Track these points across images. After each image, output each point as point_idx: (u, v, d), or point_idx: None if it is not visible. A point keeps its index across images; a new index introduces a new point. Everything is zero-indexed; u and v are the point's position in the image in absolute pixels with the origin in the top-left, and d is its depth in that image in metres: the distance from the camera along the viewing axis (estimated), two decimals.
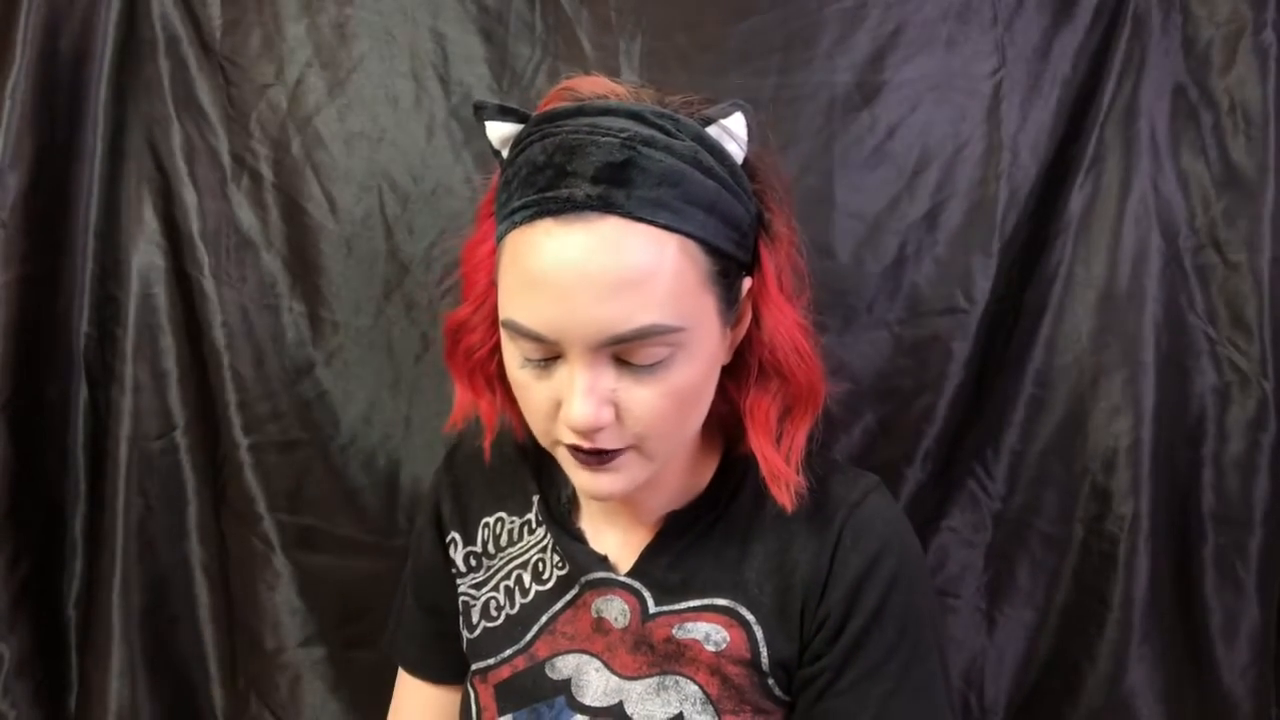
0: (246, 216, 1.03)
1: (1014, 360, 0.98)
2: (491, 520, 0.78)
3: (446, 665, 0.81)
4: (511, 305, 0.58)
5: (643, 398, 0.58)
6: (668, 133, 0.57)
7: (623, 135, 0.55)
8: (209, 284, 1.02)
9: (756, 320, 0.64)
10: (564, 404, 0.58)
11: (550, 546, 0.73)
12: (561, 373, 0.58)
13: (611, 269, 0.54)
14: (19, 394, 0.99)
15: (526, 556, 0.74)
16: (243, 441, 1.03)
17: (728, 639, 0.65)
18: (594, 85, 0.62)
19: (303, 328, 1.04)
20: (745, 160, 0.62)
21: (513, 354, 0.60)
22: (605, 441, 0.59)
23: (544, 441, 0.64)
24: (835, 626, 0.64)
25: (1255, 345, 0.93)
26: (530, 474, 0.77)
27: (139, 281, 1.04)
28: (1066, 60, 0.96)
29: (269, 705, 1.03)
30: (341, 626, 1.04)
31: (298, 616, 1.04)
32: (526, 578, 0.73)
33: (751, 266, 0.64)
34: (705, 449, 0.71)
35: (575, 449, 0.60)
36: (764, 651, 0.65)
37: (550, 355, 0.58)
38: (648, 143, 0.56)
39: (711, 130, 0.60)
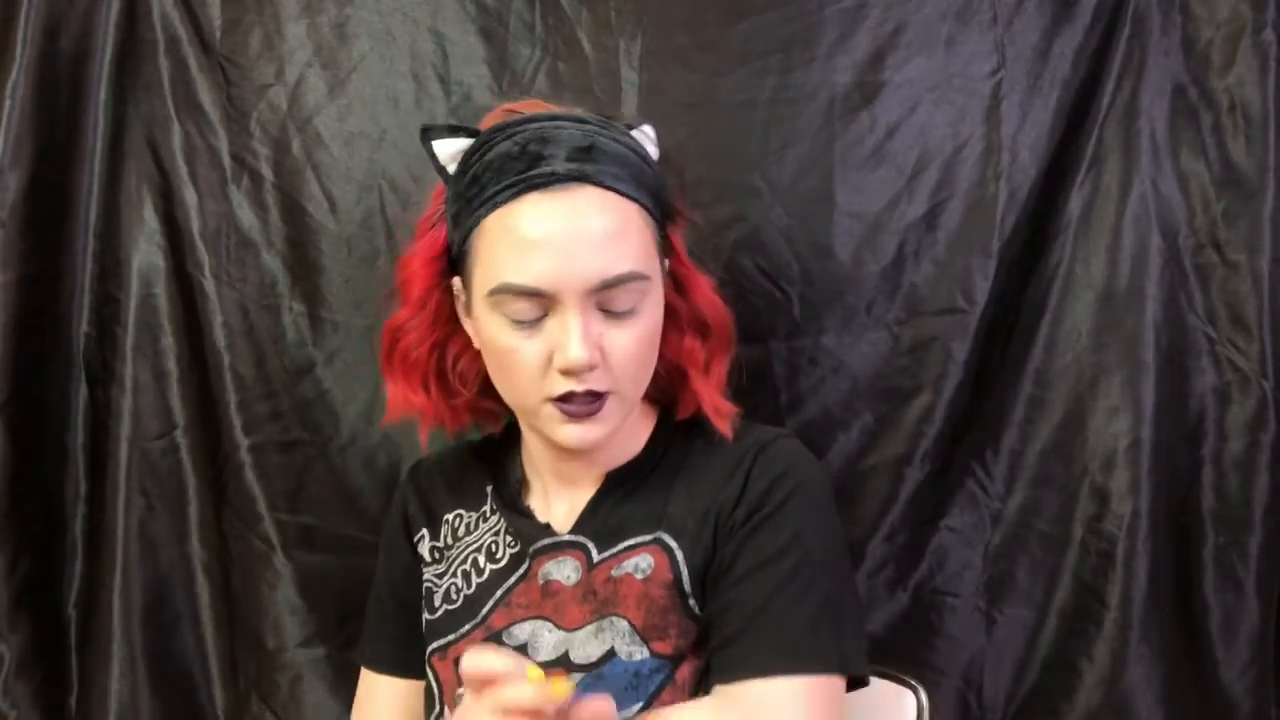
0: (246, 216, 1.03)
1: (1014, 360, 0.99)
2: (451, 516, 0.84)
3: (418, 660, 0.83)
4: (505, 271, 0.66)
5: (622, 341, 0.68)
6: (610, 130, 0.70)
7: (583, 128, 0.68)
8: (209, 284, 1.02)
9: (681, 288, 0.77)
10: (559, 351, 0.66)
11: (503, 530, 0.80)
12: (552, 325, 0.67)
13: (599, 222, 0.66)
14: (19, 394, 0.99)
15: (481, 541, 0.81)
16: (243, 441, 1.03)
17: (653, 564, 0.72)
18: (533, 106, 0.72)
19: (303, 328, 1.04)
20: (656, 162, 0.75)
21: (499, 323, 0.68)
22: (595, 382, 0.67)
23: (529, 404, 0.71)
24: (739, 524, 0.70)
25: (1255, 345, 0.93)
26: (485, 470, 0.85)
27: (139, 281, 1.04)
28: (1066, 60, 0.96)
29: (269, 705, 1.03)
30: (341, 626, 1.04)
31: (298, 616, 1.04)
32: (481, 559, 0.79)
33: (666, 248, 0.76)
34: (641, 416, 0.79)
35: (565, 400, 0.68)
36: (684, 570, 0.71)
37: (540, 314, 0.67)
38: (602, 134, 0.69)
39: (636, 134, 0.73)
